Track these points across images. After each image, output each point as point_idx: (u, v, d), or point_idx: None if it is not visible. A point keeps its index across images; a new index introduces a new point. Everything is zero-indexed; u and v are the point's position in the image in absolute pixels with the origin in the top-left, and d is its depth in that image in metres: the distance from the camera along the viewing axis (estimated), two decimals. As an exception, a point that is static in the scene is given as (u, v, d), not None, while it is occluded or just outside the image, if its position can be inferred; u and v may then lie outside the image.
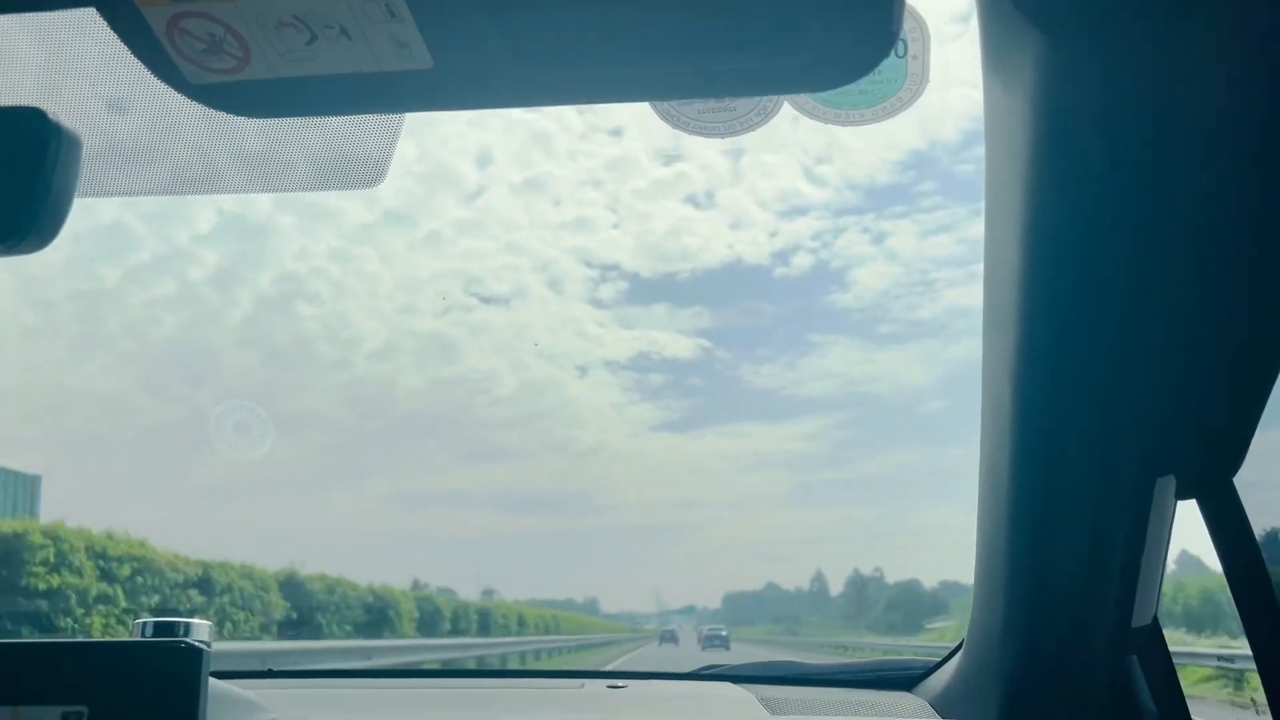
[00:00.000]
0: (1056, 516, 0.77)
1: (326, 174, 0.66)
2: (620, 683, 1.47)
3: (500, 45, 0.37)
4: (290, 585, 12.24)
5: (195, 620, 0.80)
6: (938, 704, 1.22)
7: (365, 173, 0.67)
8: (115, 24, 0.37)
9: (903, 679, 1.43)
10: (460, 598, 21.59)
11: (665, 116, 0.63)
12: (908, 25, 0.63)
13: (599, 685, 1.46)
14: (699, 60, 0.40)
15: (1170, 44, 0.54)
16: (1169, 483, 0.71)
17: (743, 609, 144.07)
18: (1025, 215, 0.67)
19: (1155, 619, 0.80)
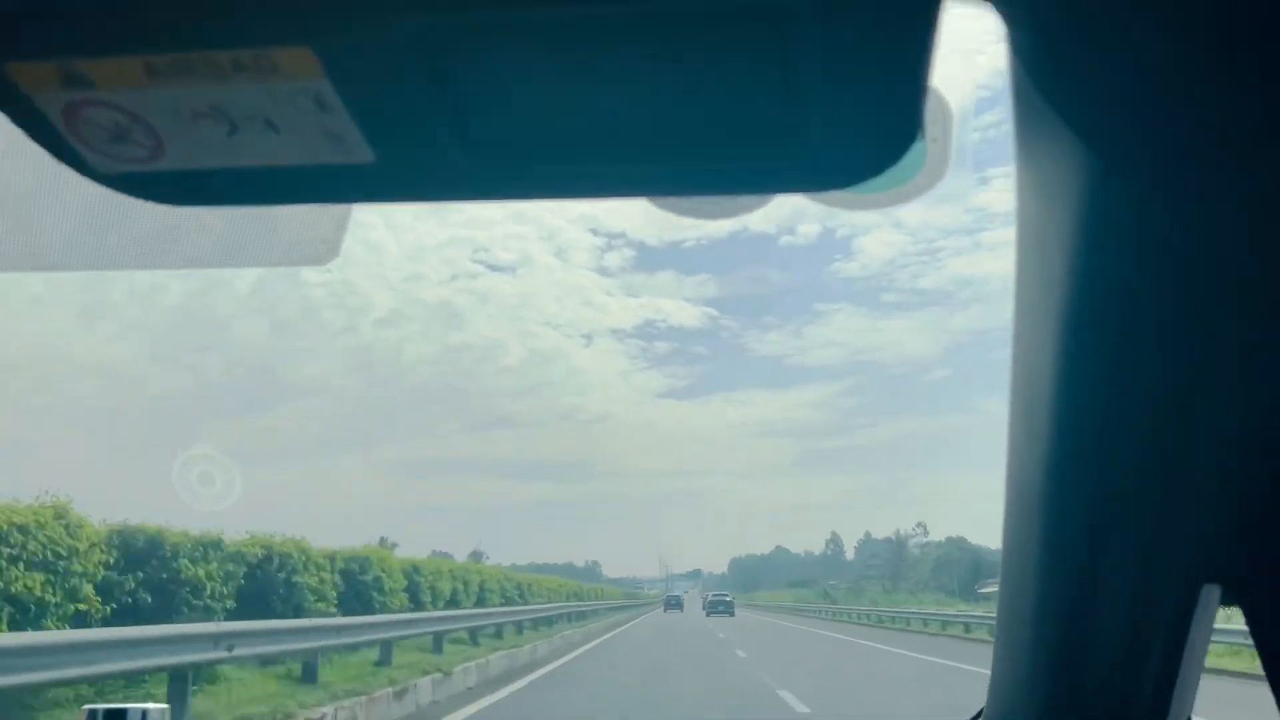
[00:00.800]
0: (1091, 612, 0.75)
1: (274, 253, 0.64)
2: None
3: (449, 140, 0.35)
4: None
5: (151, 707, 0.76)
6: None
7: (317, 251, 0.64)
8: (11, 114, 0.35)
9: None
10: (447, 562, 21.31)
11: (664, 205, 0.59)
12: (929, 105, 0.60)
13: None
14: (684, 158, 0.36)
15: (1214, 157, 0.51)
16: (1214, 591, 0.69)
17: (751, 573, 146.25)
18: (1056, 317, 0.65)
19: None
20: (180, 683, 6.75)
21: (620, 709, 8.78)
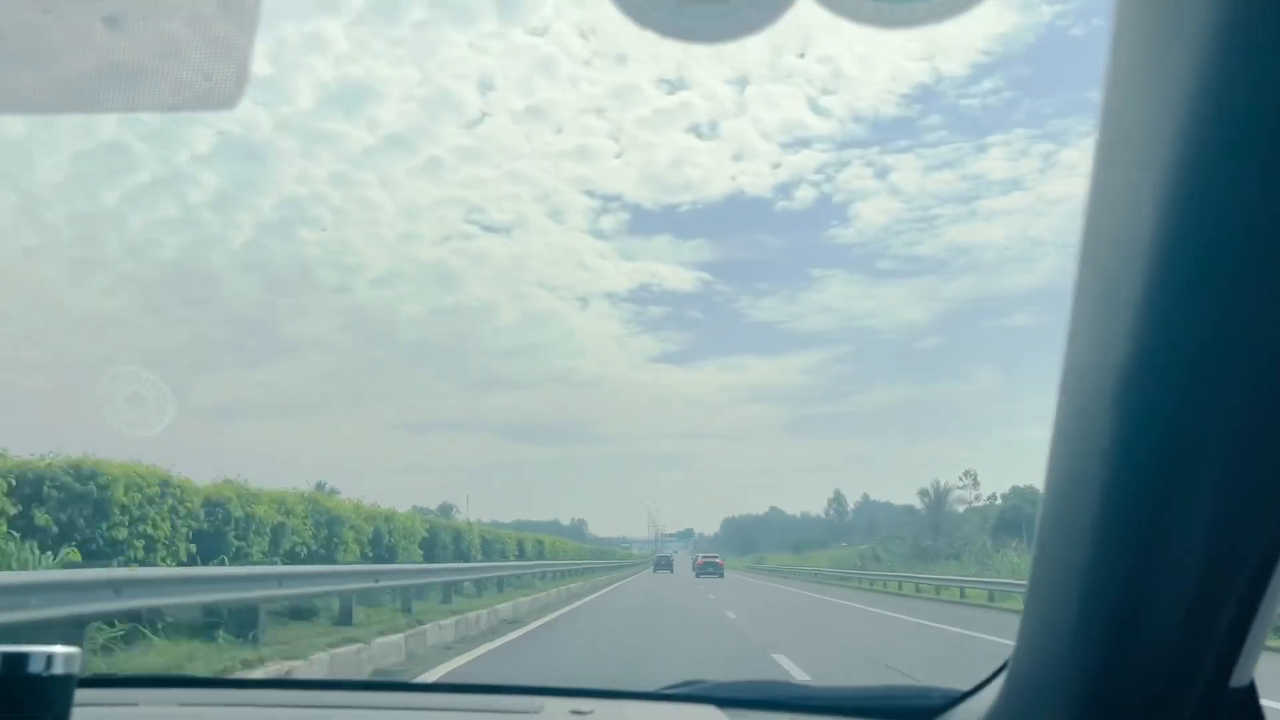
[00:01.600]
0: (1152, 575, 0.70)
1: (175, 93, 0.64)
2: (585, 707, 1.40)
3: None
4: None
5: (60, 649, 0.71)
6: None
7: (219, 92, 0.65)
8: None
9: (917, 711, 1.33)
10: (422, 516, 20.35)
11: (630, 10, 0.53)
12: None
13: (560, 709, 1.39)
14: None
15: None
16: None
17: (745, 533, 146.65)
18: (1144, 239, 0.60)
19: (1252, 682, 0.76)
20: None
21: None
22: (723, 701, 1.45)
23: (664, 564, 64.00)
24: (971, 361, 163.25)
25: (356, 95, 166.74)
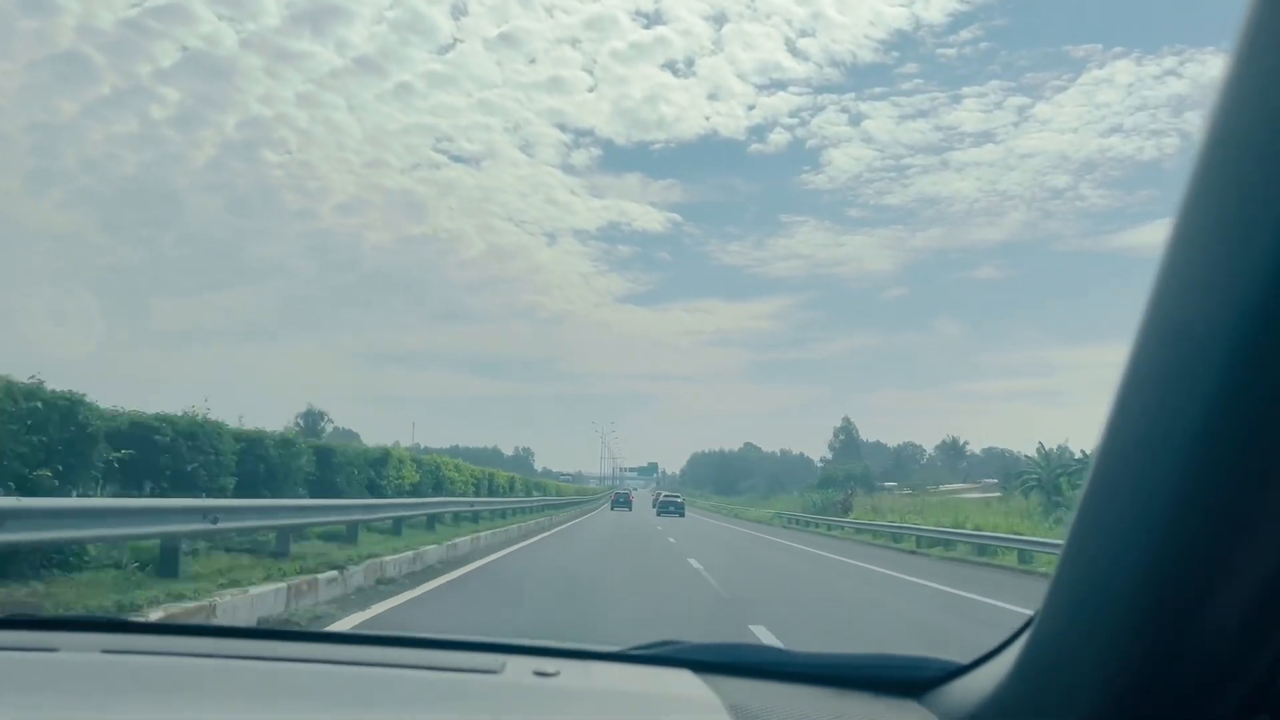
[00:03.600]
0: (1242, 538, 0.71)
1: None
2: (551, 666, 1.42)
3: None
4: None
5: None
6: None
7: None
8: None
9: (910, 682, 1.35)
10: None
11: None
12: None
13: (523, 668, 1.41)
14: None
15: None
16: None
17: (719, 471, 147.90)
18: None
19: None
20: None
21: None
22: (698, 665, 1.48)
23: (622, 501, 66.30)
24: (935, 313, 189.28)
25: (326, 14, 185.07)
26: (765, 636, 7.76)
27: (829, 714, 1.27)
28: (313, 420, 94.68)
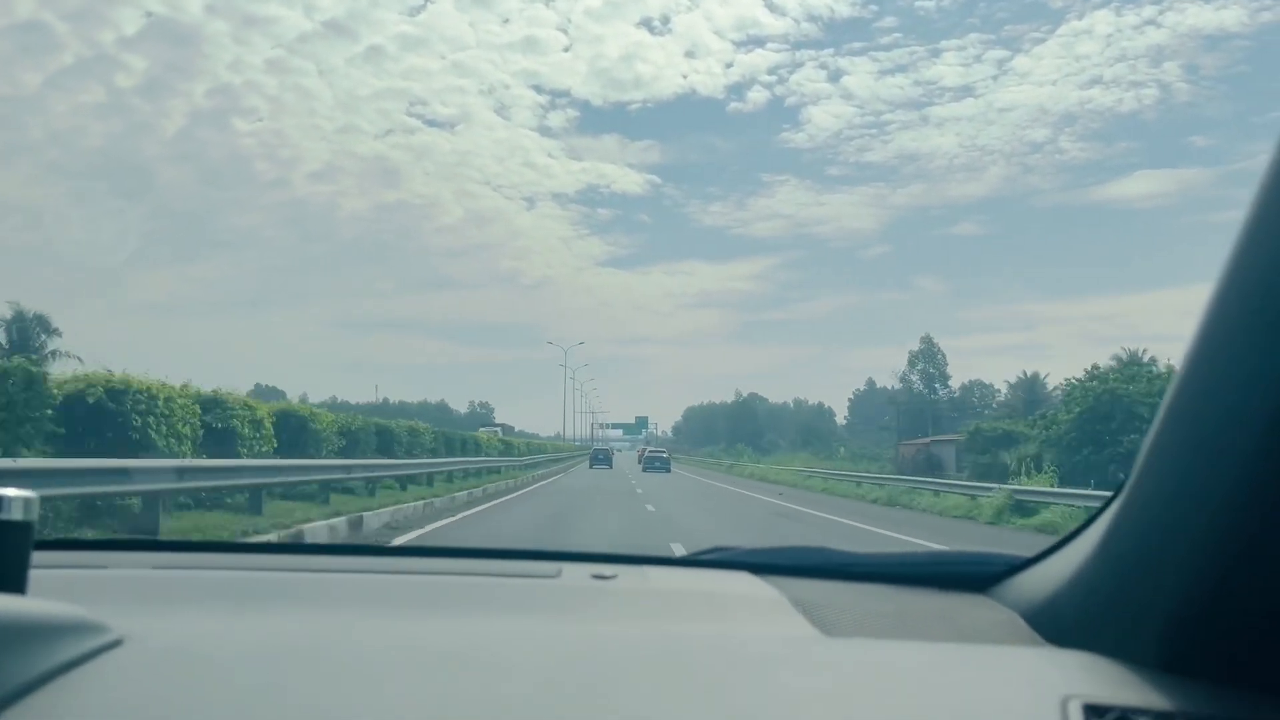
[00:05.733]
0: None
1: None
2: (608, 570, 1.55)
3: None
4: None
5: (12, 492, 0.82)
6: (1039, 618, 1.19)
7: None
8: None
9: (972, 578, 1.43)
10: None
11: None
12: None
13: (580, 573, 1.54)
14: None
15: None
16: None
17: (734, 423, 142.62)
18: None
19: None
20: None
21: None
22: (757, 567, 1.60)
23: (601, 458, 66.65)
24: (917, 270, 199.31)
25: None
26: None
27: (895, 608, 1.35)
28: (262, 394, 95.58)
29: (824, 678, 0.97)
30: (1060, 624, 1.13)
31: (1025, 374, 75.60)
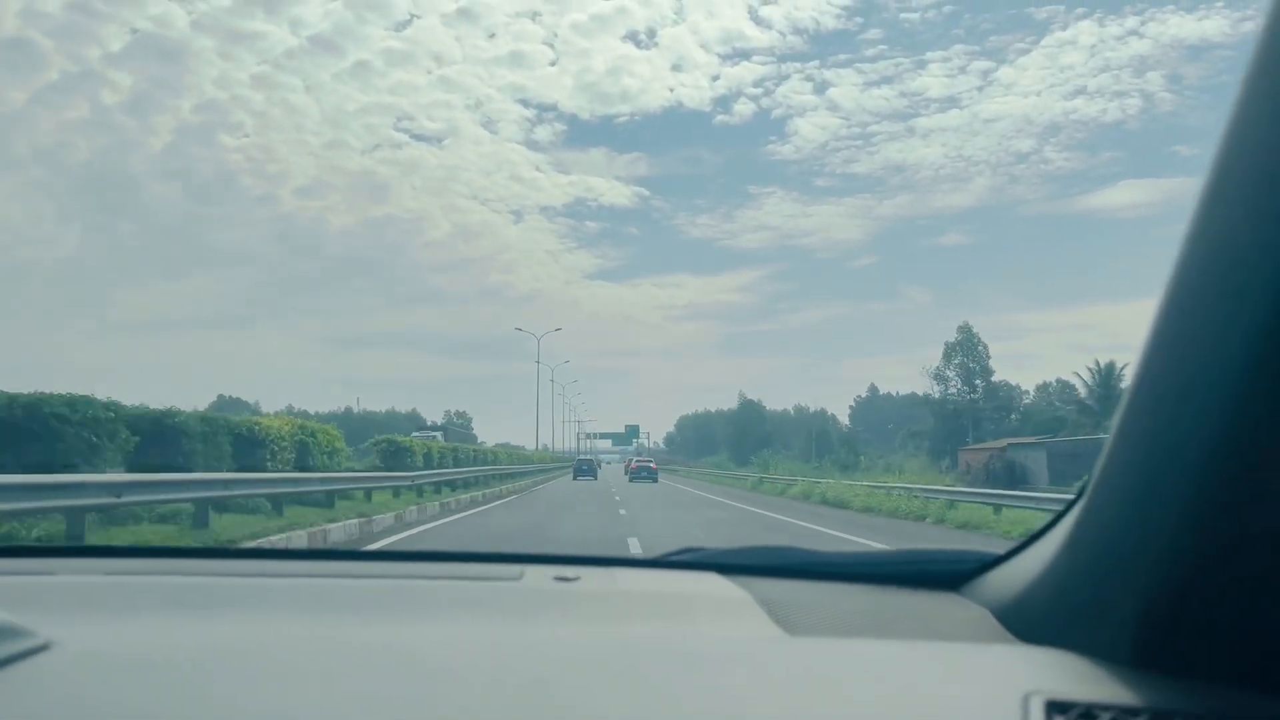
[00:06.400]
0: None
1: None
2: (571, 573, 1.56)
3: None
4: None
5: None
6: (1009, 615, 1.22)
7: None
8: None
9: (945, 576, 1.46)
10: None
11: None
12: None
13: (543, 575, 1.56)
14: None
15: None
16: None
17: (741, 430, 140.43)
18: None
19: None
20: None
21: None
22: (726, 568, 1.61)
23: (585, 469, 66.11)
24: (904, 280, 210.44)
25: None
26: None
27: (863, 606, 1.37)
28: (224, 406, 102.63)
29: (782, 674, 1.00)
30: (1030, 621, 1.16)
31: (1099, 365, 72.00)
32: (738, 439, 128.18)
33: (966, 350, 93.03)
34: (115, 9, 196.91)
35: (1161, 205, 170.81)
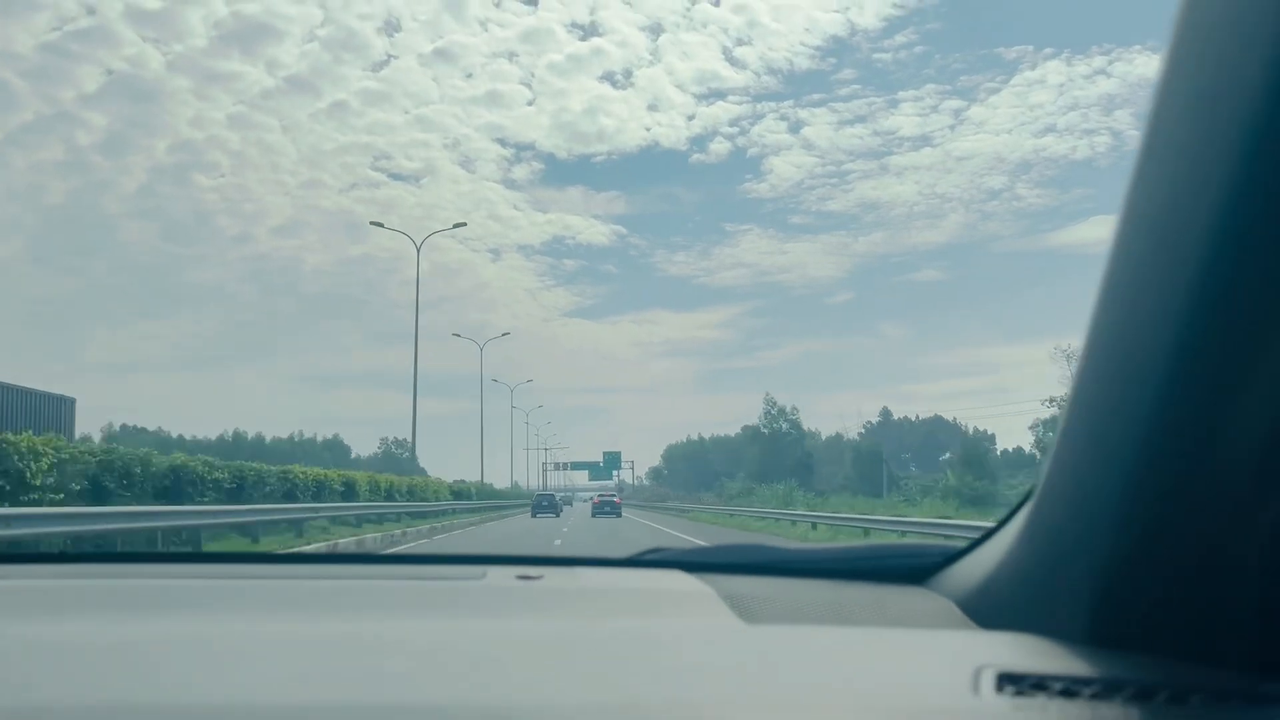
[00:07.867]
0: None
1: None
2: (534, 572, 1.66)
3: None
4: None
5: None
6: (972, 604, 1.31)
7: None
8: None
9: (908, 570, 1.56)
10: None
11: None
12: None
13: (505, 575, 1.65)
14: None
15: None
16: None
17: (767, 455, 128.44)
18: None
19: None
20: None
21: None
22: (691, 565, 1.71)
23: (545, 505, 64.16)
24: (879, 316, 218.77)
25: (255, 33, 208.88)
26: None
27: (827, 599, 1.46)
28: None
29: (738, 658, 1.06)
30: (992, 609, 1.25)
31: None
32: (764, 465, 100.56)
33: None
34: (90, 50, 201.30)
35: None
